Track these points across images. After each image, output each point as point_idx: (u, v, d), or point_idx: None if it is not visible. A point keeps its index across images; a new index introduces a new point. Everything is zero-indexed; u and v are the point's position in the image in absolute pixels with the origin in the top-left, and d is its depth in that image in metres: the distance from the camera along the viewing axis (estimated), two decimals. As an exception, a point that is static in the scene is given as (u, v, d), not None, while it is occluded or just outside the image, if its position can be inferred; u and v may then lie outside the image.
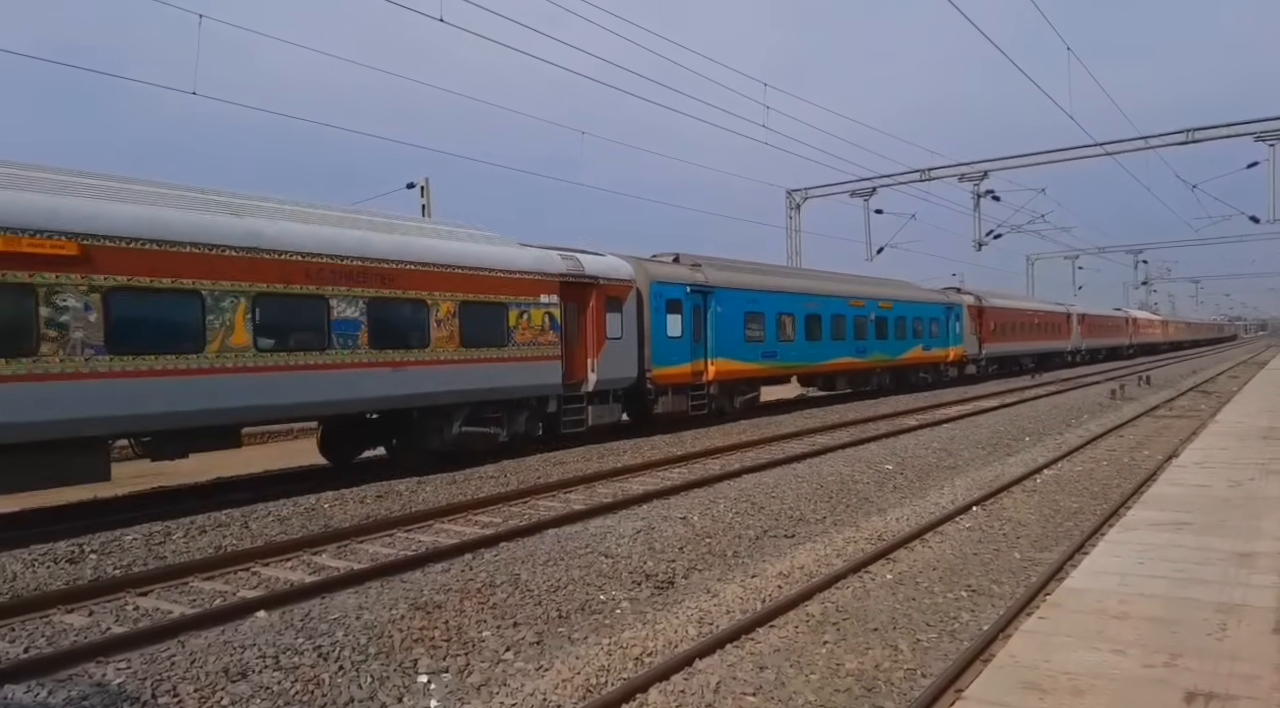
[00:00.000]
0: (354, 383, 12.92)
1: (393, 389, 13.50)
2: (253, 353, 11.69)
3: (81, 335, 9.97)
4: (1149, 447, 17.44)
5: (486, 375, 15.12)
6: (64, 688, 5.76)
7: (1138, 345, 67.57)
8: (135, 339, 10.54)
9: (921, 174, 35.92)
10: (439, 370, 14.28)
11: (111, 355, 10.24)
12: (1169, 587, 5.78)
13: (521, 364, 15.81)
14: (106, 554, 9.18)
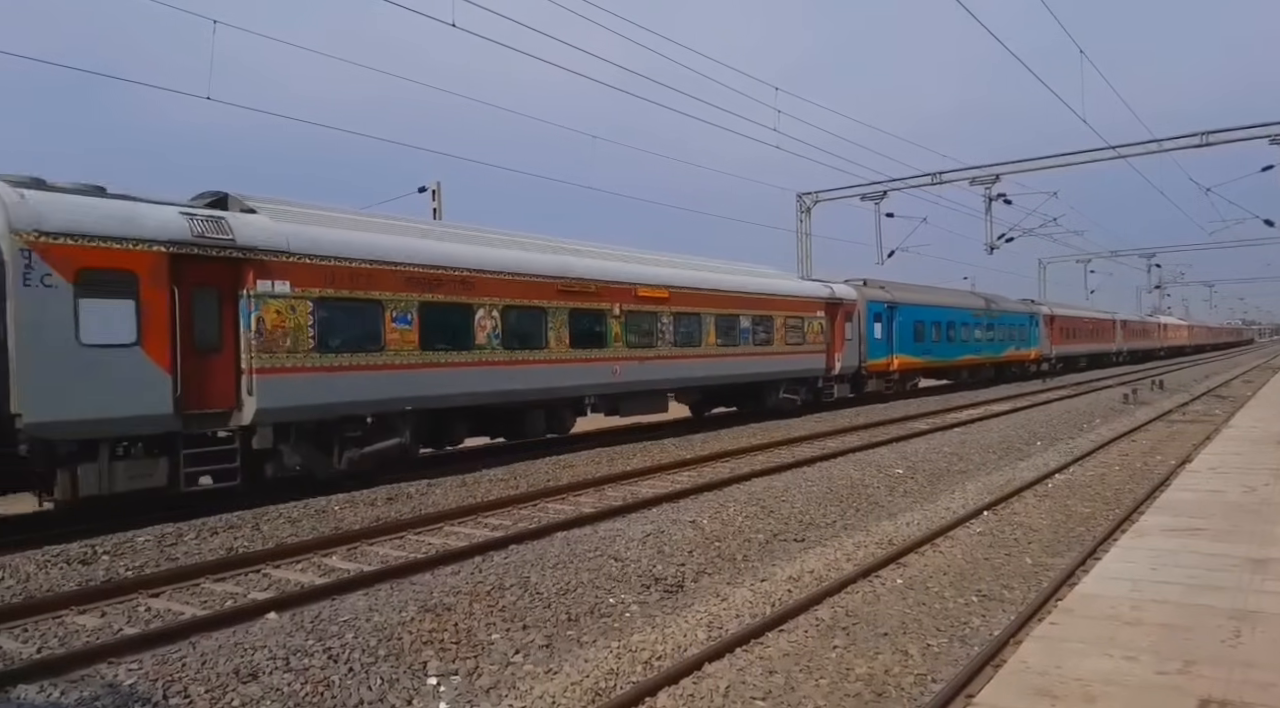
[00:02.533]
0: (731, 367, 21.34)
1: (759, 369, 22.48)
2: (625, 349, 17.96)
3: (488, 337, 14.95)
4: (1162, 452, 17.32)
5: (796, 363, 23.98)
6: (76, 689, 5.79)
7: (1167, 348, 75.97)
8: (515, 340, 15.42)
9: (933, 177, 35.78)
10: (778, 359, 23.19)
11: (508, 350, 15.26)
12: (1182, 593, 5.74)
13: (810, 356, 24.65)
14: (119, 555, 9.23)
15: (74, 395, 9.79)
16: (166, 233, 10.75)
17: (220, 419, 11.33)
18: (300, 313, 12.03)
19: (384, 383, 13.11)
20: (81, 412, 9.85)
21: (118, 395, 10.15)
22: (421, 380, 13.65)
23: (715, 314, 20.67)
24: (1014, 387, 36.30)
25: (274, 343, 11.70)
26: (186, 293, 10.91)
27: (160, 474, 10.65)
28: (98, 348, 10.06)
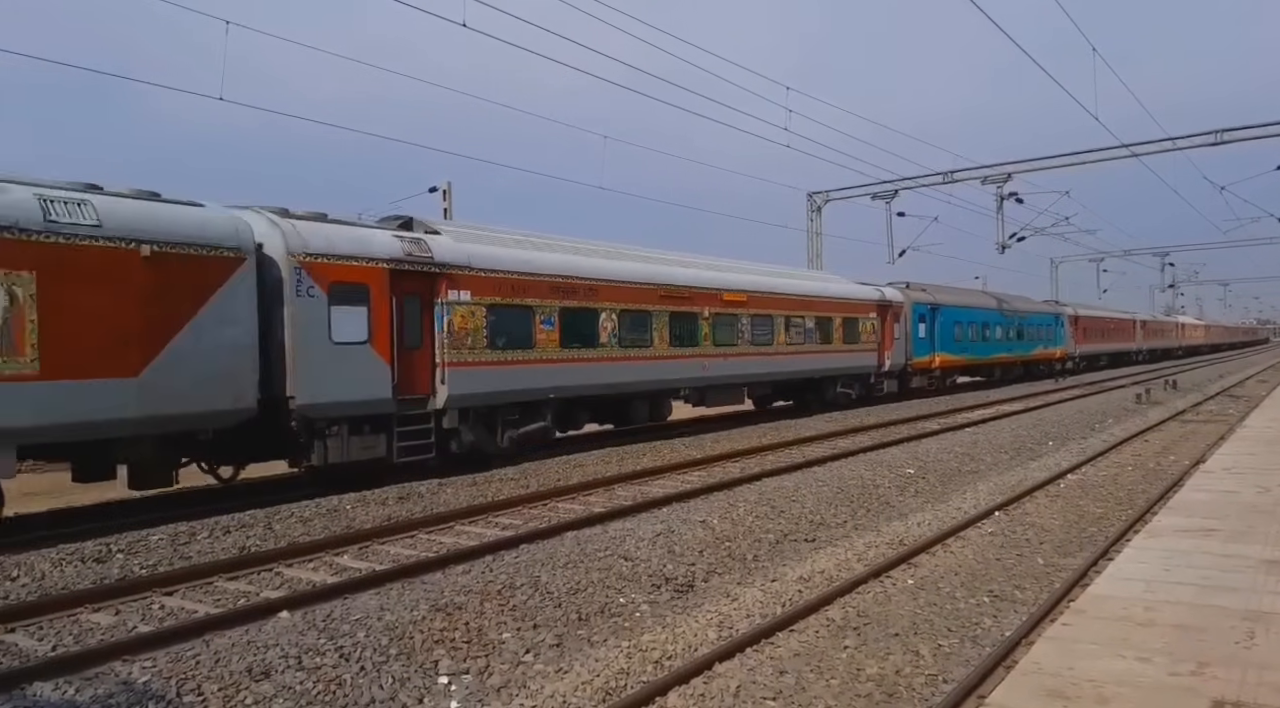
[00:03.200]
0: (798, 363, 23.69)
1: (821, 365, 24.72)
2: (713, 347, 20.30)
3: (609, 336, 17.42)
4: (1175, 452, 17.21)
5: (852, 360, 26.38)
6: (91, 686, 5.84)
7: (1184, 347, 77.55)
8: (628, 340, 17.87)
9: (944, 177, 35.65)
10: (837, 356, 25.52)
11: (623, 348, 17.68)
12: (1196, 594, 5.71)
13: (864, 354, 27.02)
14: (133, 554, 9.30)
15: (328, 382, 12.22)
16: (387, 252, 13.27)
17: (421, 403, 13.75)
18: (477, 317, 14.62)
19: (534, 375, 15.70)
20: (333, 395, 12.30)
21: (357, 383, 12.64)
22: (561, 373, 16.22)
23: (785, 316, 23.13)
24: (1026, 386, 36.16)
25: (459, 341, 14.25)
26: (400, 301, 13.36)
27: (381, 447, 13.08)
28: (343, 345, 12.48)
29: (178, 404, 10.70)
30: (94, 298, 10.04)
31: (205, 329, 10.99)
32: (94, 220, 10.10)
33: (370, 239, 13.20)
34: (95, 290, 10.04)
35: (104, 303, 10.12)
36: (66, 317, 9.80)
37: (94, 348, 10.01)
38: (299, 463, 12.69)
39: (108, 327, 10.13)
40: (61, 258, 9.78)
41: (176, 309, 10.77)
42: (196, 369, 10.86)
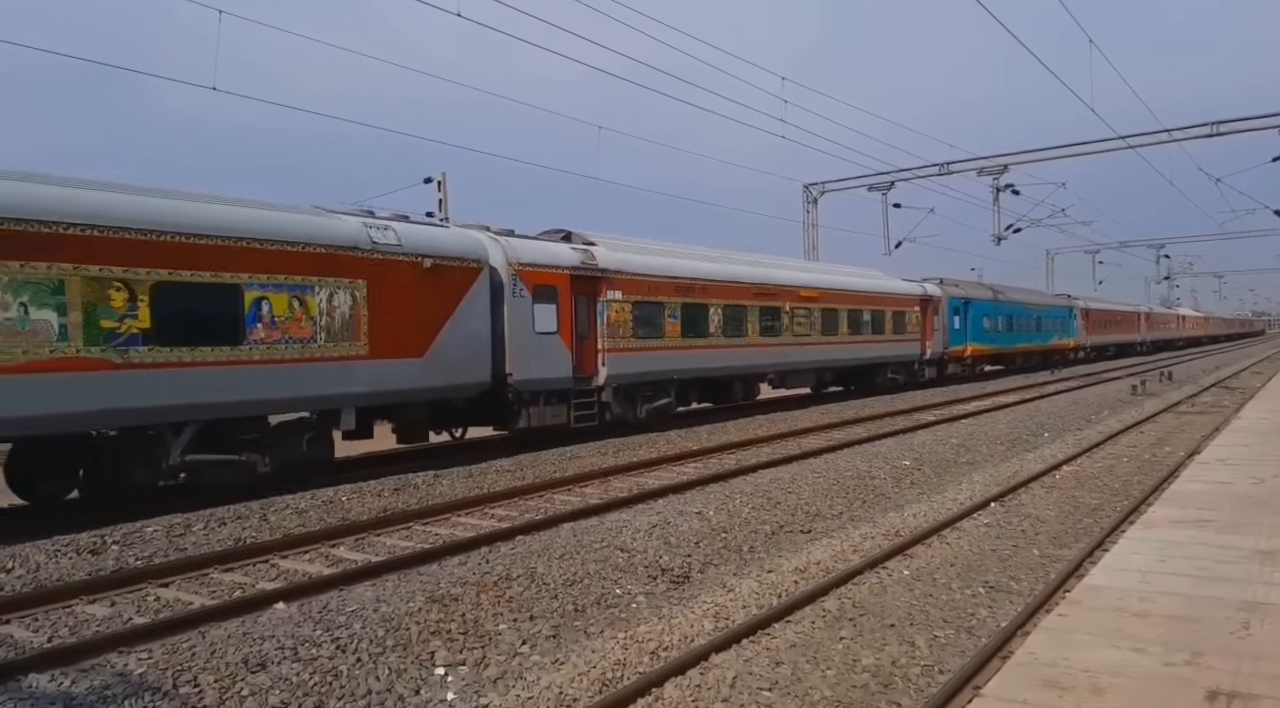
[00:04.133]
0: (858, 352, 26.72)
1: (876, 354, 27.87)
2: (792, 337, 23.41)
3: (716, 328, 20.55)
4: (1170, 443, 17.27)
5: (900, 349, 29.26)
6: (87, 678, 5.83)
7: (1185, 338, 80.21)
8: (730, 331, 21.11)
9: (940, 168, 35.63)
10: (888, 345, 28.51)
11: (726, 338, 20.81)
12: (1191, 585, 5.72)
13: (910, 343, 30.14)
14: (128, 546, 9.28)
15: (532, 364, 15.57)
16: (569, 261, 16.75)
17: (588, 381, 17.07)
18: (626, 312, 17.92)
19: (664, 360, 18.94)
20: (535, 374, 15.69)
21: (550, 364, 16.03)
22: (682, 359, 19.43)
23: (848, 310, 26.16)
24: (1021, 378, 36.24)
25: (614, 332, 17.56)
26: (575, 300, 16.63)
27: (564, 415, 16.43)
28: (542, 335, 15.83)
29: (445, 378, 13.92)
30: (399, 299, 13.17)
31: (460, 322, 14.16)
32: (397, 241, 13.29)
33: (558, 251, 16.75)
34: (399, 293, 13.20)
35: (404, 302, 13.26)
36: (384, 313, 12.94)
37: (399, 336, 13.20)
38: (509, 426, 15.77)
39: (406, 320, 13.30)
40: (381, 269, 12.93)
41: (444, 307, 13.92)
42: (455, 352, 14.07)
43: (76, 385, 9.74)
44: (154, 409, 10.48)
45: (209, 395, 10.94)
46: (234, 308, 11.22)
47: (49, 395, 9.51)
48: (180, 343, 10.66)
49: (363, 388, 12.66)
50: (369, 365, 12.68)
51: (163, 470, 10.99)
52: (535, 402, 15.74)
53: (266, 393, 11.54)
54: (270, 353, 11.56)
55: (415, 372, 13.41)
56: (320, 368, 12.12)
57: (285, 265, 11.74)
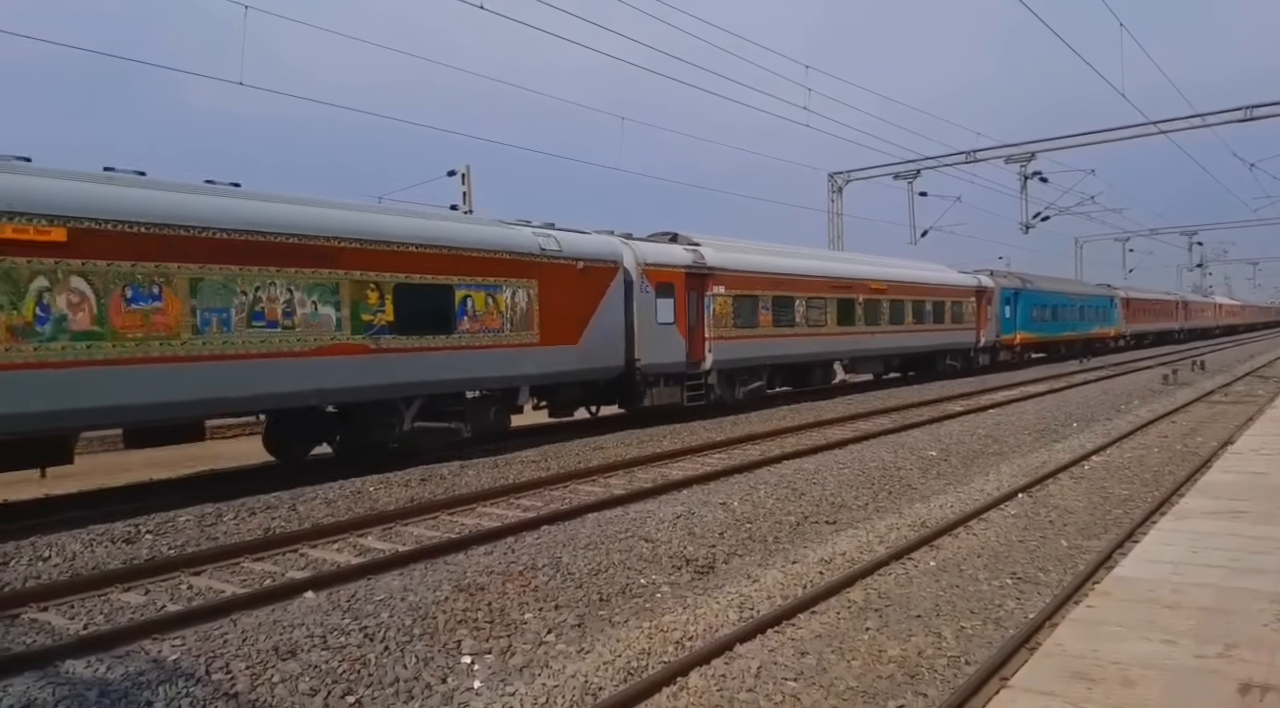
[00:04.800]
0: (921, 339, 28.61)
1: (937, 341, 29.70)
2: (864, 326, 25.25)
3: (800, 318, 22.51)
4: (1203, 433, 17.00)
5: (957, 338, 31.15)
6: (122, 664, 5.94)
7: (1221, 326, 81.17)
8: (812, 320, 22.94)
9: (967, 156, 35.22)
10: (947, 334, 30.29)
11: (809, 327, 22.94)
12: (1223, 576, 5.64)
13: (966, 332, 31.77)
14: (161, 535, 9.44)
15: (655, 351, 17.84)
16: (683, 260, 18.99)
17: (698, 366, 19.17)
18: (728, 305, 19.95)
19: (758, 347, 20.96)
20: (657, 359, 17.96)
21: (669, 351, 18.29)
22: (772, 346, 21.51)
23: (912, 300, 27.86)
24: (1050, 367, 35.84)
25: (719, 322, 19.57)
26: (688, 294, 18.80)
27: (678, 396, 18.66)
28: (662, 325, 18.06)
29: (592, 362, 16.32)
30: (560, 296, 15.50)
31: (602, 315, 16.46)
32: (558, 247, 15.63)
33: (674, 252, 19.00)
34: (561, 291, 15.54)
35: (564, 299, 15.59)
36: (550, 308, 15.30)
37: (561, 327, 15.56)
38: (634, 405, 18.03)
39: (565, 313, 15.65)
40: (548, 272, 15.33)
41: (591, 302, 16.25)
42: (600, 340, 16.41)
43: (348, 366, 12.25)
44: (396, 385, 12.97)
45: (431, 374, 13.43)
46: (448, 304, 13.71)
47: (330, 374, 12.02)
48: (413, 332, 13.08)
49: (535, 370, 15.27)
50: (540, 351, 15.28)
51: (396, 435, 13.34)
52: (656, 383, 18.08)
53: (470, 373, 14.14)
54: (472, 341, 14.10)
55: (572, 357, 15.92)
56: (506, 353, 14.67)
57: (482, 269, 14.24)
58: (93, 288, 9.72)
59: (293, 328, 11.53)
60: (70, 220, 9.52)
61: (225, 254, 10.84)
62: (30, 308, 9.28)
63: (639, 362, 17.37)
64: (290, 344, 11.52)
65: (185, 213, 10.56)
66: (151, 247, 10.17)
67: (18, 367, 9.14)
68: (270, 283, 11.30)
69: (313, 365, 11.75)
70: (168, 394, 10.36)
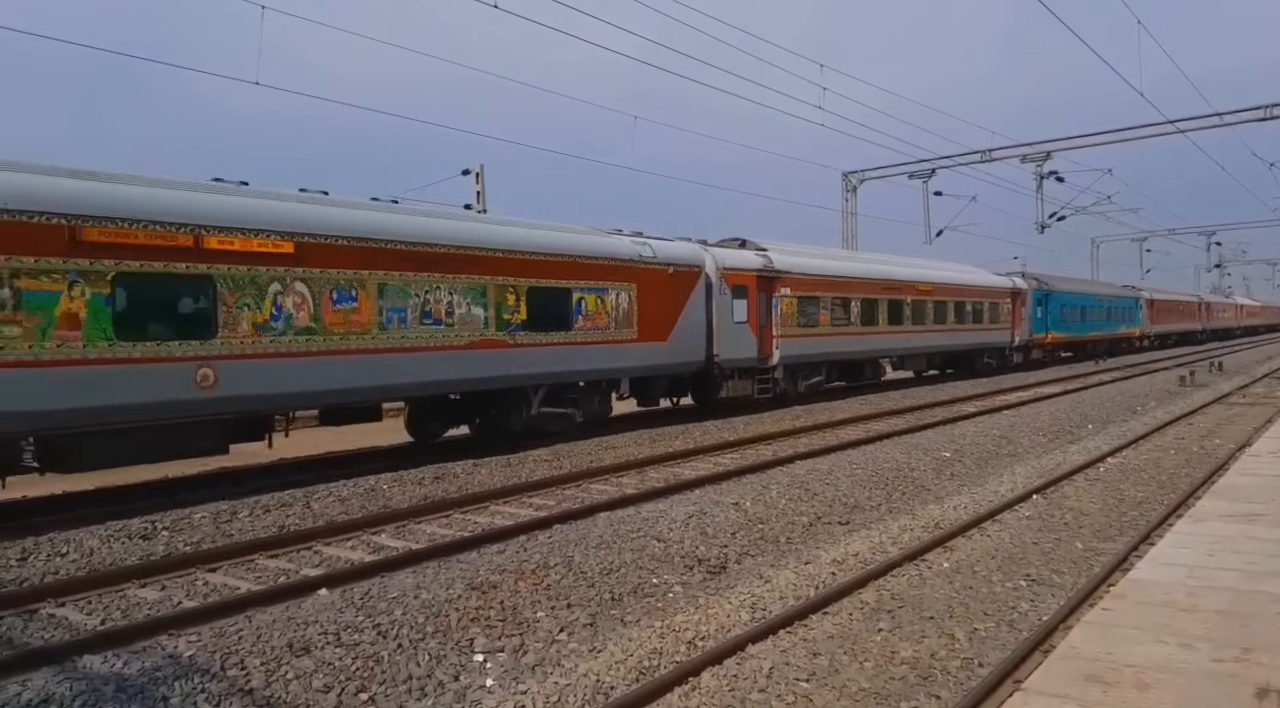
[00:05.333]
0: (962, 338, 30.24)
1: (976, 340, 31.32)
2: (911, 325, 26.99)
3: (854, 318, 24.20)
4: (1220, 435, 16.85)
5: (994, 337, 32.64)
6: (138, 659, 6.00)
7: (1243, 327, 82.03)
8: (865, 320, 24.59)
9: (982, 155, 35.04)
10: (986, 333, 31.83)
11: (862, 326, 24.54)
12: (1240, 580, 5.59)
13: (1003, 331, 33.27)
14: (177, 531, 9.52)
15: (731, 348, 19.50)
16: (755, 265, 20.61)
17: (766, 361, 20.77)
18: (793, 306, 21.59)
19: (819, 344, 22.78)
20: (733, 355, 19.60)
21: (743, 348, 19.95)
22: (831, 344, 23.26)
23: (954, 301, 29.42)
24: (1065, 368, 35.61)
25: (785, 322, 21.22)
26: (759, 296, 20.41)
27: (749, 388, 20.35)
28: (737, 324, 19.67)
29: (679, 357, 18.22)
30: (654, 297, 17.45)
31: (688, 314, 18.29)
32: (653, 254, 17.61)
33: (748, 257, 20.66)
34: (655, 293, 17.49)
35: (657, 300, 17.52)
36: (646, 308, 17.22)
37: (654, 325, 17.47)
38: (712, 397, 19.63)
39: (658, 313, 17.53)
40: (644, 276, 17.30)
41: (679, 303, 18.08)
42: (685, 337, 18.23)
43: (493, 358, 14.27)
44: (527, 375, 14.98)
45: (554, 366, 15.40)
46: (567, 305, 15.65)
47: (480, 365, 14.09)
48: (540, 329, 15.05)
49: (634, 363, 17.17)
50: (638, 347, 17.14)
51: (524, 418, 15.27)
52: (732, 377, 19.77)
53: (583, 365, 16.03)
54: (585, 337, 15.99)
55: (664, 352, 17.78)
56: (611, 348, 16.57)
57: (594, 274, 16.18)
58: (311, 292, 11.79)
59: (453, 325, 13.66)
60: (296, 236, 11.58)
61: (404, 263, 12.88)
62: (268, 308, 11.34)
63: (717, 357, 19.10)
64: (450, 339, 13.63)
65: (377, 228, 12.66)
66: (353, 257, 12.29)
67: (258, 356, 11.22)
68: (436, 287, 13.39)
69: (467, 357, 13.88)
70: (361, 381, 12.40)
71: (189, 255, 10.62)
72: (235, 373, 10.97)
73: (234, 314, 10.99)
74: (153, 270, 10.35)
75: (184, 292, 10.79)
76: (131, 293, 10.22)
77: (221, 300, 10.89)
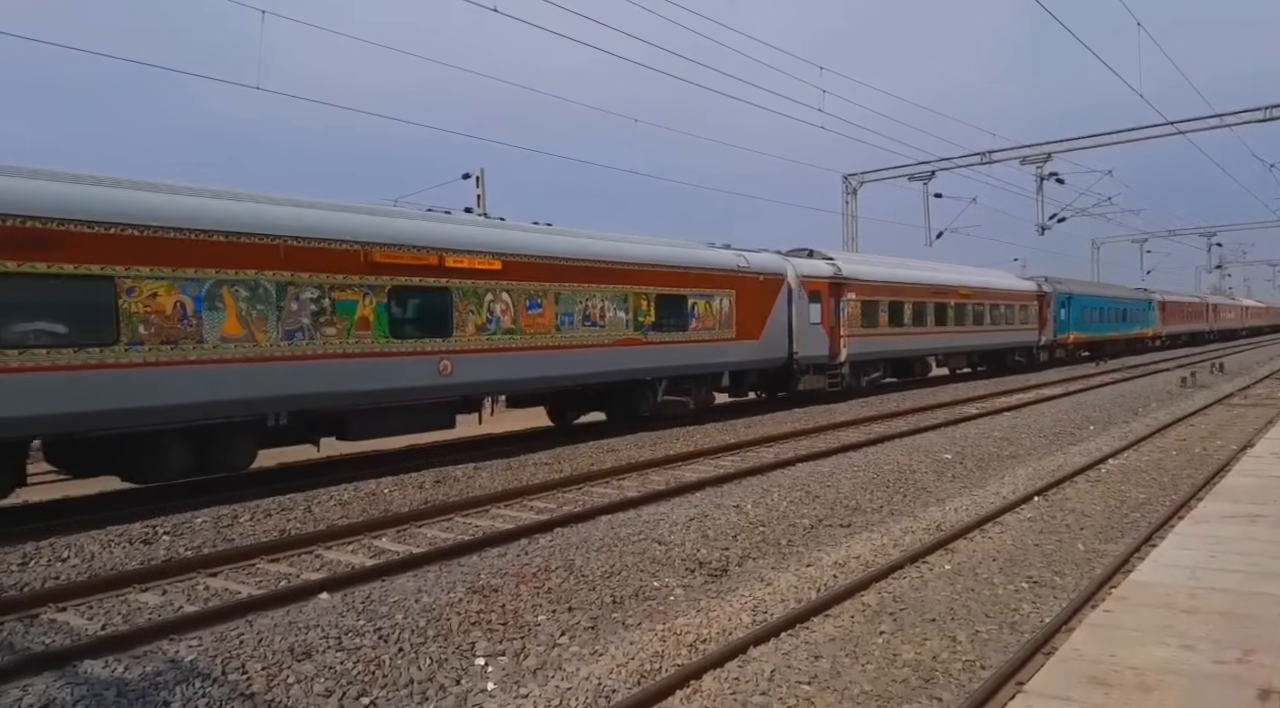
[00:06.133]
0: (995, 338, 33.17)
1: (1008, 340, 34.40)
2: (954, 326, 29.92)
3: (907, 320, 26.92)
4: (1222, 436, 16.84)
5: (1023, 337, 35.75)
6: (139, 664, 5.99)
7: (1248, 327, 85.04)
8: (914, 321, 27.28)
9: (982, 157, 35.07)
10: (1016, 333, 34.95)
11: (913, 326, 27.28)
12: (1242, 581, 5.58)
13: (1030, 332, 36.18)
14: (178, 536, 9.52)
15: (808, 346, 22.26)
16: (826, 272, 23.51)
17: (835, 358, 23.52)
18: (858, 309, 24.34)
19: (879, 344, 25.58)
20: (810, 353, 22.39)
21: (817, 346, 22.78)
22: (889, 343, 26.17)
23: (990, 304, 32.25)
24: (1066, 370, 35.60)
25: (851, 323, 23.96)
26: (830, 300, 23.19)
27: (823, 382, 23.27)
28: (812, 325, 22.41)
29: (767, 354, 20.94)
30: (748, 302, 20.19)
31: (774, 317, 20.99)
32: (747, 264, 20.44)
33: (821, 266, 23.57)
34: (749, 298, 20.23)
35: (751, 304, 20.22)
36: (742, 311, 19.94)
37: (749, 326, 20.15)
38: (788, 390, 22.51)
39: (751, 316, 20.23)
40: (741, 283, 20.03)
41: (766, 306, 20.79)
42: (772, 337, 20.97)
43: (632, 354, 17.17)
44: (656, 368, 17.92)
45: (674, 361, 18.26)
46: (684, 309, 18.52)
47: (623, 359, 17.00)
48: (664, 330, 17.93)
49: (733, 359, 19.91)
50: (736, 345, 19.90)
51: (650, 405, 18.10)
52: (808, 372, 22.52)
53: (696, 360, 18.88)
54: (697, 336, 18.85)
55: (755, 350, 20.49)
56: (716, 346, 19.35)
57: (703, 283, 19.10)
58: (512, 300, 14.74)
59: (604, 327, 16.54)
60: (503, 255, 14.62)
61: (573, 276, 15.96)
62: (485, 312, 14.28)
63: (796, 354, 21.75)
64: (603, 338, 16.51)
65: (555, 249, 15.77)
66: (540, 272, 15.29)
67: (479, 351, 14.21)
68: (593, 295, 16.33)
69: (614, 353, 16.75)
70: (544, 371, 15.43)
71: (436, 272, 13.52)
72: (464, 364, 13.97)
73: (464, 317, 13.99)
74: (414, 284, 13.25)
75: (432, 300, 13.62)
76: (400, 301, 13.14)
77: (455, 307, 13.84)
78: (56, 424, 9.72)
